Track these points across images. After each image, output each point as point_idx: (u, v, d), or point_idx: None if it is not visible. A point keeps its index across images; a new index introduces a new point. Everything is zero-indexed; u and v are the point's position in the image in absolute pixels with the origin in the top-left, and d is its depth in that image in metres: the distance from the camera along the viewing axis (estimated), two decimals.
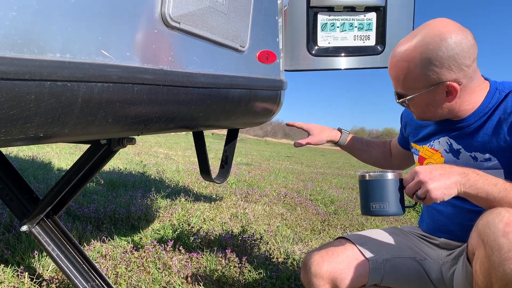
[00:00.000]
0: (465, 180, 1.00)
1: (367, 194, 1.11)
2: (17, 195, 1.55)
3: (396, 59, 1.14)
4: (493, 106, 1.15)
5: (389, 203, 1.08)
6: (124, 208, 2.96)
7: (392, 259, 1.26)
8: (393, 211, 1.09)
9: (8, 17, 0.73)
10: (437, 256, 1.29)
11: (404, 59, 1.11)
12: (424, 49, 1.08)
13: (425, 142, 1.31)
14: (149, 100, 1.04)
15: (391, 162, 1.60)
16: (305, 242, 2.72)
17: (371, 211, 1.11)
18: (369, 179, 1.11)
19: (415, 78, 1.11)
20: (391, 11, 2.22)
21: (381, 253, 1.26)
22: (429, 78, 1.10)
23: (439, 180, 1.00)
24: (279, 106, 1.71)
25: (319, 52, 2.20)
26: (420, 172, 1.02)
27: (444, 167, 1.03)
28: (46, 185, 3.70)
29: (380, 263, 1.24)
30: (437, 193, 0.99)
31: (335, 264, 1.21)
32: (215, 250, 2.21)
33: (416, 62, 1.09)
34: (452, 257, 1.25)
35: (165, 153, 9.68)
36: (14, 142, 0.85)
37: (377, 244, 1.30)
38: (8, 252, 1.97)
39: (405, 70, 1.12)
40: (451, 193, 1.00)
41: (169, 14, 1.04)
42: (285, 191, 4.81)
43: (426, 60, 1.08)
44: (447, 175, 1.01)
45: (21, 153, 6.33)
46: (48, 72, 0.79)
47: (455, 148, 1.21)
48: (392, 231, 1.38)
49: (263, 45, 1.50)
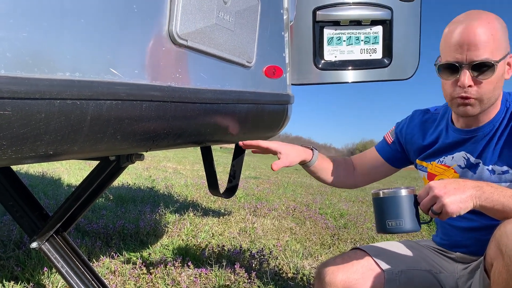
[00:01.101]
0: (480, 193, 0.99)
1: (382, 212, 1.10)
2: (27, 212, 1.56)
3: (477, 23, 1.08)
4: (505, 118, 1.15)
5: (405, 219, 1.06)
6: (133, 223, 2.96)
7: (408, 271, 1.24)
8: (409, 228, 1.07)
9: (20, 38, 0.74)
10: (453, 270, 1.27)
11: (487, 21, 1.08)
12: (496, 17, 1.10)
13: (434, 159, 1.29)
14: (157, 117, 1.05)
15: (354, 179, 1.50)
16: (314, 256, 2.69)
17: (387, 229, 1.09)
18: (383, 196, 1.09)
19: (500, 39, 1.10)
20: (397, 24, 2.23)
21: (396, 265, 1.24)
22: (506, 43, 1.11)
23: (454, 194, 0.98)
24: (286, 120, 1.71)
25: (325, 66, 2.21)
26: (434, 187, 1.01)
27: (458, 181, 1.02)
28: (56, 201, 3.72)
29: (396, 275, 1.22)
30: (453, 208, 0.98)
31: (350, 274, 1.20)
32: (224, 266, 2.20)
33: (496, 24, 1.10)
34: (468, 270, 1.23)
35: (174, 167, 9.71)
36: (24, 160, 0.86)
37: (392, 255, 1.28)
38: (18, 269, 1.98)
39: (493, 30, 1.08)
40: (467, 207, 0.99)
41: (176, 32, 1.05)
42: (294, 205, 4.79)
43: (502, 24, 1.10)
44: (461, 189, 0.99)
45: (32, 170, 6.38)
46: (58, 91, 0.80)
47: (473, 163, 1.20)
48: (407, 244, 1.37)
49: (270, 60, 1.51)
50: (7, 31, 0.72)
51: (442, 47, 1.16)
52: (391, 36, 2.22)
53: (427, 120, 1.36)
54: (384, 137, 1.47)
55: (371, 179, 1.50)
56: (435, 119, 1.34)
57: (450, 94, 1.15)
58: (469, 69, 1.09)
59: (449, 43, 1.12)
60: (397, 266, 1.24)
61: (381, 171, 1.46)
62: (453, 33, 1.11)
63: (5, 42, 0.72)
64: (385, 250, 1.30)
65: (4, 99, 0.72)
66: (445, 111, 1.33)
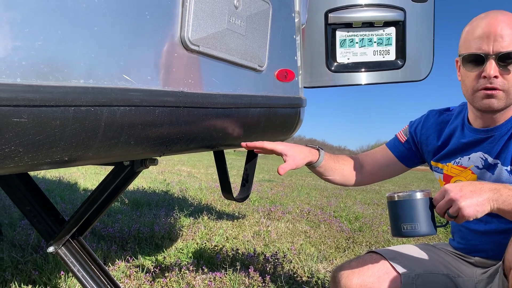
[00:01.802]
0: (497, 196, 0.97)
1: (397, 216, 1.08)
2: (44, 217, 1.58)
3: (505, 18, 1.09)
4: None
5: (420, 223, 1.05)
6: (148, 227, 2.99)
7: (425, 274, 1.22)
8: (425, 231, 1.05)
9: (35, 47, 0.76)
10: (471, 274, 1.24)
11: (510, 16, 1.10)
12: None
13: (450, 160, 1.27)
14: (170, 122, 1.06)
15: (361, 178, 1.47)
16: (329, 260, 2.68)
17: (402, 233, 1.07)
18: (398, 199, 1.08)
19: None
20: (410, 25, 2.21)
21: (413, 268, 1.22)
22: None
23: (471, 198, 0.96)
24: (298, 124, 1.71)
25: (338, 68, 2.20)
26: (450, 190, 0.99)
27: (474, 184, 1.00)
28: (72, 206, 3.77)
29: (412, 278, 1.20)
30: (469, 211, 0.96)
31: (366, 277, 1.18)
32: (238, 269, 2.20)
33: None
34: (487, 275, 1.20)
35: (188, 171, 9.76)
36: (40, 166, 0.87)
37: (409, 259, 1.26)
38: (35, 273, 2.01)
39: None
40: (484, 210, 0.97)
41: (188, 38, 1.06)
42: (308, 208, 4.77)
43: None
44: (478, 191, 0.97)
45: (48, 175, 6.49)
46: (72, 98, 0.81)
47: (491, 163, 1.17)
48: (425, 247, 1.35)
49: (282, 64, 1.51)
50: (23, 40, 0.74)
51: (464, 40, 1.15)
52: (404, 37, 2.21)
53: (442, 120, 1.34)
54: (397, 135, 1.44)
55: (380, 177, 1.47)
56: (449, 119, 1.32)
57: (473, 87, 1.13)
58: (496, 59, 1.08)
59: (474, 35, 1.11)
60: (414, 270, 1.22)
61: (392, 169, 1.44)
62: (477, 26, 1.11)
63: (20, 51, 0.74)
64: (402, 254, 1.28)
65: (20, 107, 0.74)
66: (460, 110, 1.30)
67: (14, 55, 0.73)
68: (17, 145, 0.76)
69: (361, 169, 1.47)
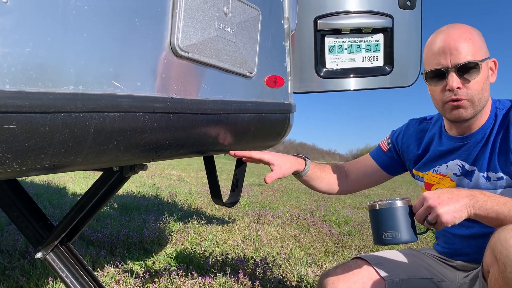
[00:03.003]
0: (473, 202, 1.00)
1: (378, 224, 1.11)
2: (32, 222, 1.57)
3: (457, 32, 1.16)
4: (496, 125, 1.16)
5: (401, 230, 1.08)
6: (137, 232, 2.97)
7: (409, 279, 1.24)
8: (405, 239, 1.08)
9: (24, 53, 0.76)
10: (454, 278, 1.27)
11: (465, 30, 1.16)
12: (472, 27, 1.17)
13: (429, 168, 1.30)
14: (159, 128, 1.06)
15: (347, 186, 1.50)
16: (318, 264, 2.69)
17: (383, 240, 1.10)
18: (379, 208, 1.11)
19: (478, 43, 1.16)
20: (398, 32, 2.24)
21: (397, 274, 1.25)
22: (484, 49, 1.16)
23: (448, 204, 1.00)
24: (288, 129, 1.72)
25: (327, 74, 2.22)
26: (428, 198, 1.02)
27: (451, 191, 1.03)
28: (60, 210, 3.74)
29: (397, 283, 1.22)
30: (447, 217, 0.99)
31: (351, 284, 1.20)
32: (227, 274, 2.20)
33: (474, 32, 1.17)
34: (469, 278, 1.23)
35: (178, 175, 9.73)
36: (29, 172, 0.87)
37: (393, 264, 1.28)
38: (23, 279, 1.99)
39: (471, 35, 1.15)
40: (461, 216, 1.00)
41: (178, 44, 1.07)
42: (298, 212, 4.78)
43: (478, 33, 1.17)
44: (455, 198, 1.00)
45: (37, 179, 6.42)
46: (61, 104, 0.81)
47: (468, 170, 1.20)
48: (409, 252, 1.37)
49: (271, 70, 1.52)
50: (12, 46, 0.74)
51: (425, 57, 1.22)
52: (392, 44, 2.24)
53: (422, 129, 1.38)
54: (379, 145, 1.48)
55: (365, 185, 1.51)
56: (428, 127, 1.36)
57: (441, 100, 1.18)
58: (455, 71, 1.13)
59: (432, 52, 1.18)
60: (398, 275, 1.24)
61: (376, 177, 1.47)
62: (434, 43, 1.17)
63: (9, 57, 0.74)
64: (386, 259, 1.30)
65: (9, 113, 0.74)
66: (438, 118, 1.34)
67: (3, 61, 0.73)
68: (6, 151, 0.76)
69: (346, 178, 1.50)
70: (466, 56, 1.13)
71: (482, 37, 1.18)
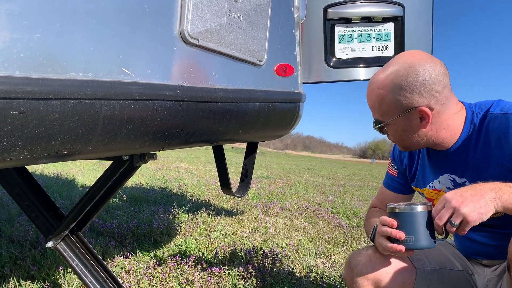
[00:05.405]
0: (500, 194, 0.94)
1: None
2: (43, 212, 1.58)
3: (371, 88, 1.16)
4: (475, 131, 1.12)
5: (418, 236, 1.04)
6: (146, 223, 2.98)
7: (441, 270, 1.22)
8: (423, 245, 1.04)
9: (34, 39, 0.75)
10: (482, 272, 1.25)
11: (378, 87, 1.13)
12: (395, 76, 1.10)
13: (425, 184, 1.27)
14: (169, 116, 1.05)
15: None
16: (328, 255, 2.68)
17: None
18: (399, 211, 1.07)
19: (389, 103, 1.11)
20: (409, 21, 2.21)
21: (429, 263, 1.23)
22: (402, 104, 1.10)
23: (472, 202, 0.93)
24: (298, 119, 1.71)
25: (337, 63, 2.20)
26: (450, 198, 0.97)
27: (474, 187, 0.97)
28: (70, 202, 3.77)
29: (428, 273, 1.20)
30: (473, 216, 0.93)
31: (381, 266, 1.18)
32: (237, 265, 2.20)
33: (389, 88, 1.10)
34: (497, 273, 1.21)
35: (186, 167, 9.76)
36: (39, 159, 0.87)
37: (426, 253, 1.26)
38: (34, 268, 2.00)
39: (380, 96, 1.13)
40: (488, 212, 0.93)
41: (187, 31, 1.06)
42: (306, 204, 4.77)
43: (397, 86, 1.09)
44: (479, 193, 0.94)
45: (46, 171, 6.47)
46: (71, 91, 0.81)
47: (459, 183, 1.17)
48: (442, 243, 1.34)
49: (281, 58, 1.51)
50: (21, 32, 0.73)
51: None
52: (403, 33, 2.20)
53: None
54: (388, 172, 1.44)
55: None
56: None
57: None
58: (375, 122, 1.20)
59: None
60: (430, 264, 1.22)
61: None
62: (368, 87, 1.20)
63: (19, 43, 0.73)
64: None
65: (19, 100, 0.73)
66: None
67: (13, 47, 0.72)
68: (16, 138, 0.76)
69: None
70: (375, 115, 1.18)
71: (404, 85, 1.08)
